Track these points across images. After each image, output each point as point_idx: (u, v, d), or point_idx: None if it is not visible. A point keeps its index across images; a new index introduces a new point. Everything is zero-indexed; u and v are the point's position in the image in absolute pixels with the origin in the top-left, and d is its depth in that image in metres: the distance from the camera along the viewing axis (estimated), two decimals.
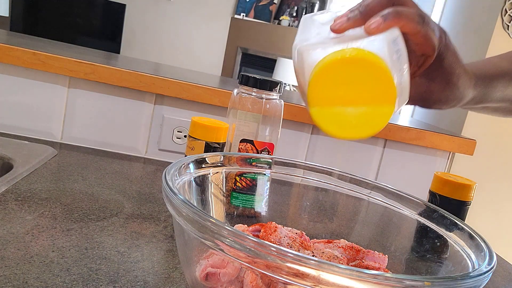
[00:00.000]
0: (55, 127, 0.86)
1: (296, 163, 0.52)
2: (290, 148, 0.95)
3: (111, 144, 0.89)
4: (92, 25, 3.82)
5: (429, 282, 0.26)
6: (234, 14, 4.07)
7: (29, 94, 0.84)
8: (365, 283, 0.25)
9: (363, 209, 0.52)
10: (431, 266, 0.45)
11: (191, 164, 0.43)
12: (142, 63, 1.28)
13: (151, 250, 0.50)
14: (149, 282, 0.43)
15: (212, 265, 0.36)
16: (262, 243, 0.27)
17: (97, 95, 0.86)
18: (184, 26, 3.96)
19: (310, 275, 0.26)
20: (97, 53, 1.25)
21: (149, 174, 0.79)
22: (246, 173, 0.59)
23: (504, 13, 1.29)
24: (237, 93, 0.65)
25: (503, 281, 0.65)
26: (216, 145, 0.64)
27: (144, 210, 0.61)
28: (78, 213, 0.56)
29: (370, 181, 0.50)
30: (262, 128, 0.65)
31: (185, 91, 0.87)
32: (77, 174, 0.70)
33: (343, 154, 0.97)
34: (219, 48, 4.07)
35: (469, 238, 0.39)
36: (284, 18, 4.10)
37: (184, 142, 0.91)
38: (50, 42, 1.26)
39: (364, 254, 0.44)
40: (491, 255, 0.34)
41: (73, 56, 0.85)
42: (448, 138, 1.00)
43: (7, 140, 0.77)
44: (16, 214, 0.52)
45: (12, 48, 0.81)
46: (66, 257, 0.44)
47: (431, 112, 1.55)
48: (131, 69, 0.86)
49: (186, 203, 0.31)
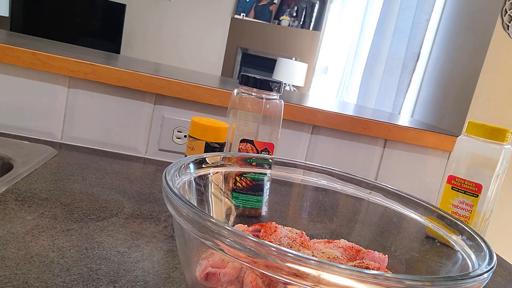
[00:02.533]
0: (55, 127, 0.86)
1: (296, 163, 0.52)
2: (290, 148, 0.95)
3: (111, 144, 0.89)
4: (92, 25, 3.82)
5: (429, 282, 0.27)
6: (234, 14, 4.07)
7: (29, 94, 0.84)
8: (365, 283, 0.25)
9: (363, 209, 0.52)
10: (431, 266, 0.45)
11: (191, 164, 0.43)
12: (142, 63, 1.28)
13: (151, 250, 0.50)
14: (149, 282, 0.43)
15: (212, 265, 0.36)
16: (262, 243, 0.27)
17: (97, 95, 0.86)
18: (184, 26, 3.96)
19: (310, 275, 0.26)
20: (97, 53, 1.25)
21: (149, 174, 0.79)
22: (246, 173, 0.59)
23: (504, 13, 1.29)
24: (237, 93, 0.65)
25: (503, 281, 0.65)
26: (216, 145, 0.64)
27: (144, 210, 0.61)
28: (78, 213, 0.56)
29: (370, 181, 0.50)
30: (262, 128, 0.65)
31: (185, 91, 0.87)
32: (77, 174, 0.70)
33: (343, 154, 0.97)
34: (219, 48, 4.07)
35: (469, 238, 0.39)
36: (284, 18, 4.10)
37: (184, 142, 0.91)
38: (50, 42, 1.26)
39: (364, 254, 0.44)
40: (491, 255, 0.34)
41: (73, 56, 0.85)
42: (448, 138, 1.00)
43: (7, 140, 0.77)
44: (16, 214, 0.52)
45: (12, 48, 0.81)
46: (66, 257, 0.44)
47: (431, 112, 1.55)
48: (131, 69, 0.86)
49: (186, 203, 0.31)
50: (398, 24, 2.32)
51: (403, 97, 2.16)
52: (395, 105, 2.18)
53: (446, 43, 1.60)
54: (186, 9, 3.93)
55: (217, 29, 4.03)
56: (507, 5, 1.30)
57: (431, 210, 0.45)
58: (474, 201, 0.69)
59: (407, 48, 2.18)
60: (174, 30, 3.97)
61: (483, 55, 1.30)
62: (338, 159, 0.97)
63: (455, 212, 0.70)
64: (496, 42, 1.29)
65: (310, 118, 0.92)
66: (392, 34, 2.37)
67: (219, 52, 4.08)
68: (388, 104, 2.20)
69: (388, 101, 2.19)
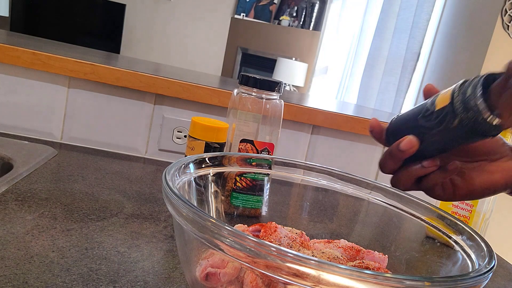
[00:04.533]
0: (55, 127, 0.86)
1: (296, 163, 0.52)
2: (290, 148, 0.95)
3: (111, 144, 0.89)
4: (92, 25, 3.82)
5: (429, 282, 0.26)
6: (234, 14, 4.07)
7: (29, 94, 0.84)
8: (365, 283, 0.25)
9: (363, 209, 0.52)
10: (431, 266, 0.45)
11: (191, 164, 0.43)
12: (142, 63, 1.28)
13: (151, 250, 0.50)
14: (149, 282, 0.43)
15: (212, 265, 0.36)
16: (262, 243, 0.27)
17: (97, 95, 0.86)
18: (184, 26, 3.96)
19: (310, 275, 0.26)
20: (97, 53, 1.25)
21: (149, 174, 0.79)
22: (246, 173, 0.59)
23: (504, 13, 1.29)
24: (237, 93, 0.65)
25: (503, 281, 0.65)
26: (216, 145, 0.64)
27: (144, 210, 0.61)
28: (78, 213, 0.56)
29: (370, 181, 0.50)
30: (262, 128, 0.65)
31: (185, 91, 0.87)
32: (77, 174, 0.70)
33: (343, 154, 0.97)
34: (219, 48, 4.07)
35: (469, 238, 0.39)
36: (284, 18, 4.10)
37: (184, 142, 0.91)
38: (50, 42, 1.26)
39: (364, 254, 0.44)
40: (491, 255, 0.34)
41: (73, 56, 0.85)
42: None
43: (7, 140, 0.77)
44: (16, 214, 0.52)
45: (12, 48, 0.81)
46: (66, 257, 0.44)
47: None
48: (131, 69, 0.86)
49: (186, 203, 0.31)
50: (398, 24, 2.32)
51: (403, 97, 2.16)
52: (395, 105, 2.17)
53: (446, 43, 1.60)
54: (186, 9, 3.93)
55: (217, 29, 4.03)
56: (507, 5, 1.30)
57: (431, 210, 0.45)
58: (474, 201, 0.69)
59: (407, 48, 2.18)
60: (174, 30, 3.97)
61: (483, 55, 1.30)
62: (338, 159, 0.97)
63: (455, 212, 0.70)
64: (496, 42, 1.29)
65: (310, 118, 0.92)
66: (392, 34, 2.37)
67: (219, 52, 4.08)
68: (388, 104, 2.19)
69: (388, 101, 2.19)
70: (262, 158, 0.52)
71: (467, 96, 0.33)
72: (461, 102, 0.33)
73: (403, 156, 0.39)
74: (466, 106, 0.33)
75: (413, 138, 0.38)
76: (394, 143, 0.39)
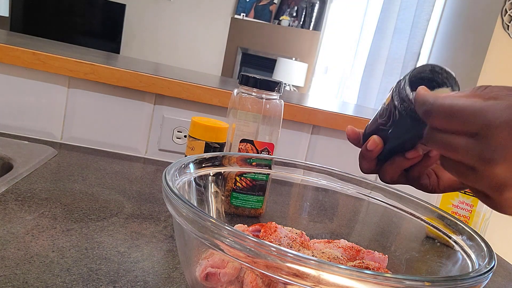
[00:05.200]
0: (55, 127, 0.86)
1: (296, 163, 0.52)
2: (290, 148, 0.95)
3: (111, 144, 0.89)
4: (92, 25, 3.82)
5: (429, 282, 0.27)
6: (234, 14, 4.07)
7: (29, 94, 0.84)
8: (365, 283, 0.25)
9: (363, 209, 0.52)
10: (431, 266, 0.45)
11: (191, 164, 0.43)
12: (142, 63, 1.28)
13: (151, 250, 0.50)
14: (149, 282, 0.43)
15: (212, 265, 0.36)
16: (262, 243, 0.27)
17: (97, 95, 0.86)
18: (184, 26, 3.96)
19: (310, 275, 0.26)
20: (97, 53, 1.25)
21: (149, 174, 0.79)
22: (246, 173, 0.60)
23: (504, 13, 1.29)
24: (237, 93, 0.65)
25: (503, 281, 0.65)
26: (216, 145, 0.64)
27: (144, 210, 0.61)
28: (78, 213, 0.56)
29: (370, 181, 0.50)
30: (262, 128, 0.65)
31: (185, 91, 0.87)
32: (77, 174, 0.70)
33: (343, 154, 0.97)
34: (219, 48, 4.07)
35: (469, 238, 0.39)
36: (284, 18, 4.10)
37: (184, 142, 0.91)
38: (50, 42, 1.26)
39: (364, 254, 0.44)
40: (491, 255, 0.34)
41: (73, 56, 0.85)
42: None
43: (7, 140, 0.77)
44: (16, 214, 0.52)
45: (12, 48, 0.81)
46: (66, 257, 0.44)
47: None
48: (131, 69, 0.86)
49: (186, 203, 0.31)
50: (398, 24, 2.32)
51: None
52: None
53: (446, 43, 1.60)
54: (186, 9, 3.93)
55: (217, 29, 4.03)
56: (507, 5, 1.30)
57: (431, 210, 0.45)
58: (474, 201, 0.69)
59: (407, 48, 2.18)
60: (174, 30, 3.97)
61: (483, 55, 1.30)
62: (338, 159, 0.97)
63: (455, 212, 0.70)
64: (496, 42, 1.29)
65: (310, 118, 0.92)
66: (392, 34, 2.37)
67: (219, 52, 4.08)
68: None
69: None
70: (262, 158, 0.52)
71: (400, 88, 0.36)
72: (397, 95, 0.36)
73: (372, 155, 0.41)
74: (401, 97, 0.36)
75: (376, 137, 0.40)
76: (363, 145, 0.41)
